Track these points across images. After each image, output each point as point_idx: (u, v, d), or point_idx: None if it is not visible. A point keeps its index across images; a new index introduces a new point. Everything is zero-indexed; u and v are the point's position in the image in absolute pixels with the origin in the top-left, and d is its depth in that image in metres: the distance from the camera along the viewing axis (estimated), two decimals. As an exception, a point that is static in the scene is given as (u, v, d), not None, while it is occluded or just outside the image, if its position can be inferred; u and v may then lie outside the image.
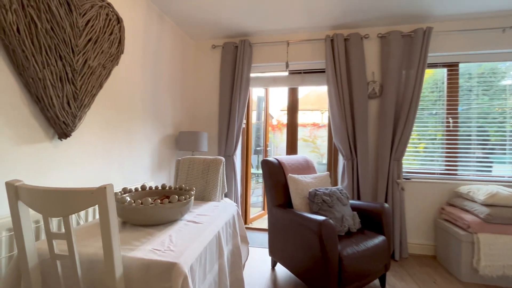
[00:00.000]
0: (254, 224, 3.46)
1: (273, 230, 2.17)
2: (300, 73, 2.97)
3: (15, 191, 0.81)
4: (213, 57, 3.10)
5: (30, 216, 0.85)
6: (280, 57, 2.92)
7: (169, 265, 0.86)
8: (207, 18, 2.56)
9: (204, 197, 1.72)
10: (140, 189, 1.41)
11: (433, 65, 2.69)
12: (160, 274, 0.85)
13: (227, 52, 2.96)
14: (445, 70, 2.71)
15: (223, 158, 1.82)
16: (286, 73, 2.96)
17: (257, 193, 4.71)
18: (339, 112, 2.62)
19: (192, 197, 1.33)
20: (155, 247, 0.96)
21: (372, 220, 2.02)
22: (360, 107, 2.60)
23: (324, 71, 2.81)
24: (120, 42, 1.78)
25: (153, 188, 1.44)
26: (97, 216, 1.59)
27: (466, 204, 2.28)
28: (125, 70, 1.95)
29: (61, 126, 1.41)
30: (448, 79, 2.69)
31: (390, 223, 1.97)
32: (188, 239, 1.07)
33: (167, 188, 1.45)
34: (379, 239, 1.85)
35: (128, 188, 1.43)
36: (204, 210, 1.49)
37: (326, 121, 10.79)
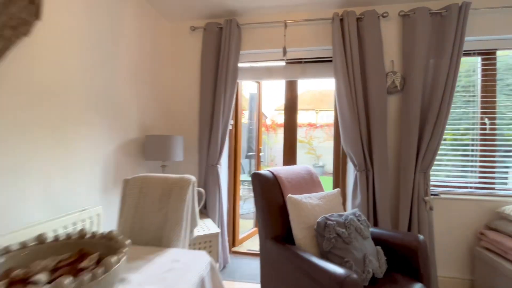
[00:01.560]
0: (245, 245, 2.89)
1: (266, 270, 1.61)
2: (301, 62, 2.40)
3: None
4: (192, 42, 2.50)
5: None
6: (275, 42, 2.34)
7: None
8: (181, -13, 1.97)
9: (161, 239, 1.12)
10: (37, 242, 0.81)
11: (467, 53, 2.16)
12: None
13: (209, 35, 2.37)
14: (478, 59, 2.19)
15: (193, 177, 1.24)
16: (283, 63, 2.39)
17: (250, 202, 4.13)
18: (350, 109, 2.06)
19: (123, 259, 0.75)
20: None
21: (401, 258, 1.48)
22: (377, 104, 2.05)
23: (331, 60, 2.25)
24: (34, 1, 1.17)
25: (59, 239, 0.84)
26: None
27: (516, 231, 1.76)
28: (49, 47, 1.34)
29: None
30: (482, 70, 2.17)
31: (428, 263, 1.43)
32: None
33: (87, 236, 0.86)
34: (417, 290, 1.31)
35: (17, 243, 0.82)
36: (153, 272, 0.90)
37: (321, 122, 10.36)
